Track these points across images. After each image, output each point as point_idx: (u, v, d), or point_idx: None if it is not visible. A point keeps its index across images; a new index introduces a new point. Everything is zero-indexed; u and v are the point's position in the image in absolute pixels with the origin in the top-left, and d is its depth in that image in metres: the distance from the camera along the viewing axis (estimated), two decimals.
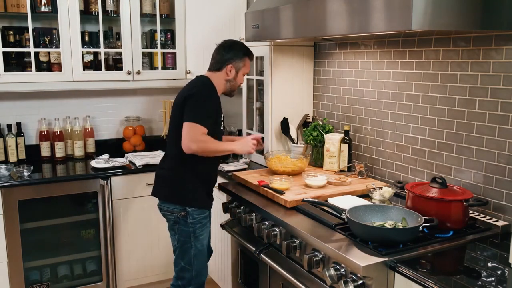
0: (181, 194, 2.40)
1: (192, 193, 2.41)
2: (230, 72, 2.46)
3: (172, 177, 2.43)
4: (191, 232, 2.41)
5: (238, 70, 2.48)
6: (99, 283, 3.13)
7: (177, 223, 2.42)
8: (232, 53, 2.46)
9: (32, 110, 3.38)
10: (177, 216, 2.41)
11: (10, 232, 2.81)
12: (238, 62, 2.46)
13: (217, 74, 2.47)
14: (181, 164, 2.40)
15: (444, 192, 1.92)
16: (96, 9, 3.20)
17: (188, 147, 2.26)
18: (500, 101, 1.97)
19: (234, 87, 2.53)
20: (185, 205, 2.39)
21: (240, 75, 2.50)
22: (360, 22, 1.88)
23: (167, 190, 2.45)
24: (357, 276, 1.66)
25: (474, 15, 1.79)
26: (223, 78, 2.46)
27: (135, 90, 3.63)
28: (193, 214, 2.39)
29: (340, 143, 2.72)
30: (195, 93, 2.34)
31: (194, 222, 2.40)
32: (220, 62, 2.46)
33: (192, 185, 2.41)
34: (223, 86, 2.48)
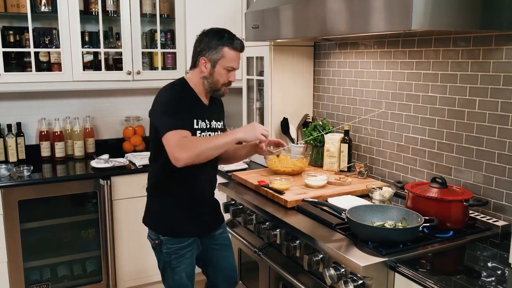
0: (156, 220, 2.12)
1: (167, 221, 2.08)
2: (206, 67, 2.02)
3: (150, 199, 2.16)
4: (167, 263, 2.12)
5: (215, 63, 2.01)
6: (99, 283, 3.13)
7: (154, 249, 2.17)
8: (204, 42, 2.01)
9: (32, 110, 3.38)
10: (153, 242, 2.14)
11: (10, 232, 2.81)
12: (212, 53, 1.99)
13: (194, 71, 2.08)
14: (154, 183, 2.11)
15: (444, 192, 1.92)
16: (96, 9, 3.20)
17: (176, 159, 1.84)
18: (500, 101, 1.97)
19: (216, 85, 2.06)
20: (158, 233, 2.10)
21: (219, 69, 2.02)
22: (360, 22, 1.88)
23: (145, 213, 2.20)
24: (357, 276, 1.66)
25: (474, 15, 1.79)
26: (198, 75, 2.05)
27: (135, 90, 3.63)
28: (166, 243, 2.08)
29: (340, 143, 2.72)
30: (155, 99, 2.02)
31: (169, 253, 2.09)
32: (194, 56, 2.06)
33: (165, 209, 2.08)
34: (201, 86, 2.07)
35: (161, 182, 2.08)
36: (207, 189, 2.19)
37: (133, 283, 3.22)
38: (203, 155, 1.88)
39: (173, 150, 1.84)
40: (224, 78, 2.04)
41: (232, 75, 2.06)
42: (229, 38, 2.00)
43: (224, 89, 2.09)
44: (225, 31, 2.03)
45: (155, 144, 2.03)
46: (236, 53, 2.03)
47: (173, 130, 1.88)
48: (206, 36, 2.02)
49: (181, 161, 1.84)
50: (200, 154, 1.86)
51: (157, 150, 2.01)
